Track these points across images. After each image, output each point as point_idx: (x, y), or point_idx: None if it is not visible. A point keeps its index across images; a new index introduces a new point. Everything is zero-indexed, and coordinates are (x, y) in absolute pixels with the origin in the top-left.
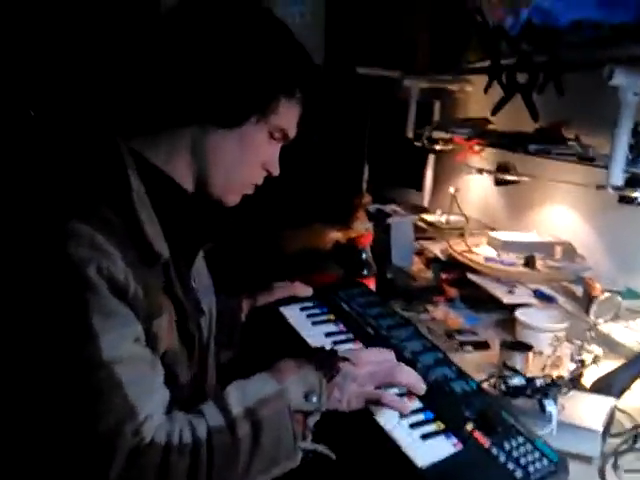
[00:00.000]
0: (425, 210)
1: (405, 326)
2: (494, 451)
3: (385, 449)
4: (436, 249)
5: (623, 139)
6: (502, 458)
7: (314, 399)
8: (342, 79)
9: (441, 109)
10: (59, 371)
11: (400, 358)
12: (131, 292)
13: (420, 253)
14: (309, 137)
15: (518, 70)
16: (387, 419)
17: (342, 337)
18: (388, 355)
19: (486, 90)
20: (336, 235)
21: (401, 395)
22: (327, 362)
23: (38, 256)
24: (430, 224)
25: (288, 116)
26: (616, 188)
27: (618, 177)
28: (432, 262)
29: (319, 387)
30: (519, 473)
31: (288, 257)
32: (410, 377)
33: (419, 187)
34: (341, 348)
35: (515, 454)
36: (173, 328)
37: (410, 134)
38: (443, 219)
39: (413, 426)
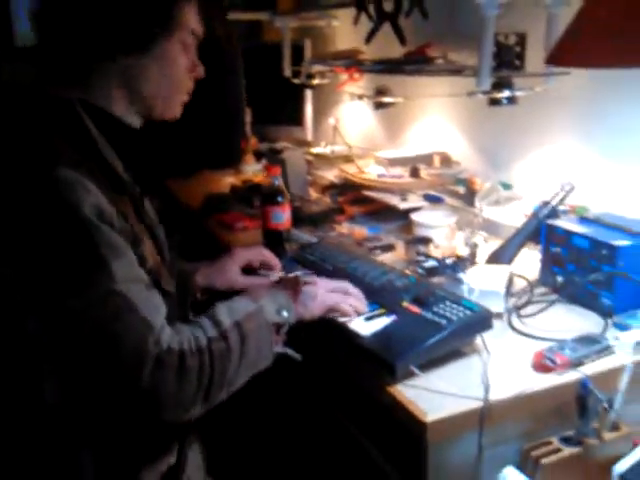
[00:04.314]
0: (308, 144)
1: (358, 259)
2: (424, 314)
3: (338, 333)
4: (329, 176)
5: (488, 49)
6: (430, 316)
7: (284, 313)
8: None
9: (312, 46)
10: (81, 304)
11: (353, 277)
12: (116, 224)
13: (312, 183)
14: None
15: None
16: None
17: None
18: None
19: (356, 22)
20: (229, 179)
21: None
22: (291, 285)
23: (36, 205)
24: (317, 155)
25: (190, 18)
26: (485, 92)
27: (486, 82)
28: (328, 188)
29: (287, 304)
30: (443, 321)
31: (191, 207)
32: (357, 295)
33: (300, 123)
34: None
35: (442, 312)
36: (152, 249)
37: (287, 72)
38: (328, 150)
39: (359, 314)
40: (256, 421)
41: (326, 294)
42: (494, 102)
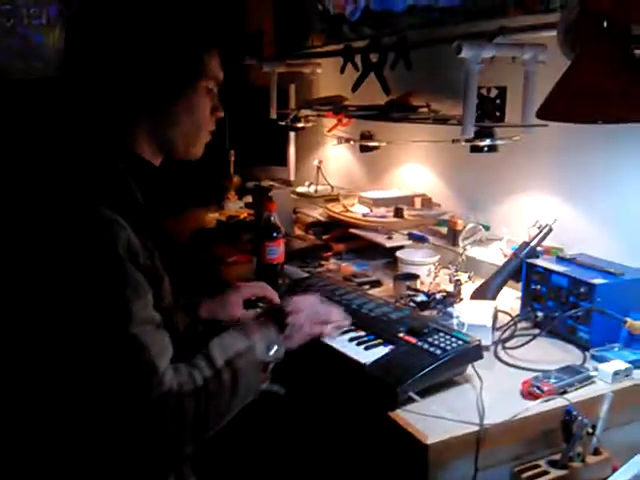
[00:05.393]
0: (290, 183)
1: (353, 292)
2: (420, 344)
3: (338, 362)
4: (314, 214)
5: (472, 100)
6: (426, 346)
7: (273, 351)
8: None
9: (295, 91)
10: (98, 341)
11: (349, 309)
12: (142, 262)
13: (296, 221)
14: None
15: (370, 51)
16: (338, 342)
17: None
18: (315, 298)
19: (342, 71)
20: (214, 216)
21: None
22: (279, 318)
23: (76, 238)
24: (300, 194)
25: (213, 67)
26: (468, 140)
27: (470, 131)
28: (312, 226)
29: (277, 341)
30: (438, 351)
31: (180, 241)
32: (338, 314)
33: (284, 163)
34: None
35: (436, 342)
36: (169, 288)
37: (274, 115)
38: (312, 189)
39: (359, 344)
40: (250, 449)
41: (309, 323)
42: (475, 149)
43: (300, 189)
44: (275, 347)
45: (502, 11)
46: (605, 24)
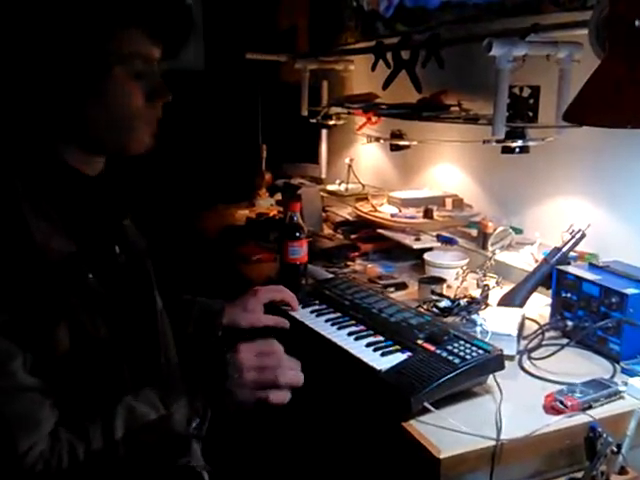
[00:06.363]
0: (321, 181)
1: (375, 295)
2: (438, 352)
3: (353, 367)
4: (343, 213)
5: (503, 100)
6: (445, 354)
7: (195, 424)
8: (227, 65)
9: (328, 88)
10: None
11: (369, 313)
12: (4, 321)
13: (325, 220)
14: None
15: (401, 48)
16: (354, 347)
17: (324, 311)
18: (271, 347)
19: (374, 68)
20: (244, 212)
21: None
22: (215, 385)
23: None
24: (331, 193)
25: (133, 46)
26: (499, 141)
27: (501, 131)
28: (341, 225)
29: (203, 414)
30: (457, 360)
31: (208, 237)
32: (289, 376)
33: (315, 160)
34: (320, 319)
35: (456, 351)
36: (93, 320)
37: (305, 112)
38: (342, 187)
39: (375, 350)
40: (260, 454)
41: (253, 386)
42: (507, 150)
43: (331, 187)
44: (198, 421)
45: (537, 8)
46: (637, 24)
